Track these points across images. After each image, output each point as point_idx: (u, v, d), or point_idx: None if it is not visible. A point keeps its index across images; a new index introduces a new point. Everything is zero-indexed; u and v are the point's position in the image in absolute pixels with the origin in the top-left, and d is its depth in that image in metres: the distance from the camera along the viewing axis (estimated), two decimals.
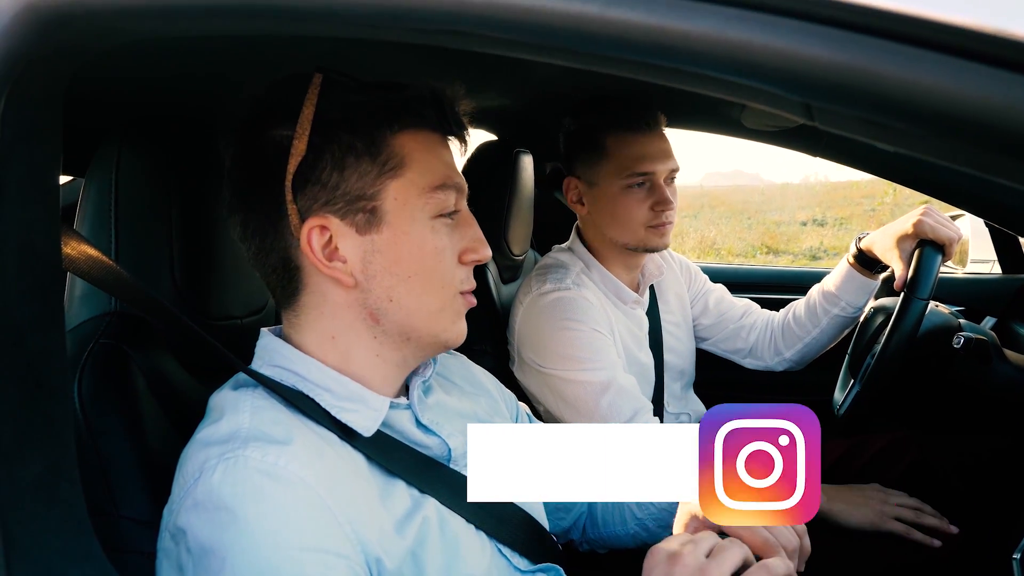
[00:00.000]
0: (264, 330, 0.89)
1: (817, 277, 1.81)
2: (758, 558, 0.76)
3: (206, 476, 0.72)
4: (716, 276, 1.95)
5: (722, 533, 0.82)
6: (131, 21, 0.62)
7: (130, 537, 0.82)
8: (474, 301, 0.90)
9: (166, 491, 0.79)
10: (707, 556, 0.72)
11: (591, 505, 1.20)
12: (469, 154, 1.86)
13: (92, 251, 0.79)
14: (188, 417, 0.92)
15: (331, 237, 0.81)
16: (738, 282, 2.22)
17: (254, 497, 0.70)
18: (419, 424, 0.90)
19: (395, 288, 0.83)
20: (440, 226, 0.84)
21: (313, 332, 0.85)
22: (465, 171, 1.85)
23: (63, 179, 2.00)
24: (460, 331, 0.89)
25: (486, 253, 0.88)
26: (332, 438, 0.80)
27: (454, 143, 0.91)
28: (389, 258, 0.82)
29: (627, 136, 1.49)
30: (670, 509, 1.08)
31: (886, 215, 11.32)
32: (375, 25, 0.49)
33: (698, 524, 0.84)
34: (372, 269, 0.82)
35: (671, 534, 1.10)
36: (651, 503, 1.11)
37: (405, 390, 0.92)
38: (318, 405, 0.81)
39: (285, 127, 0.80)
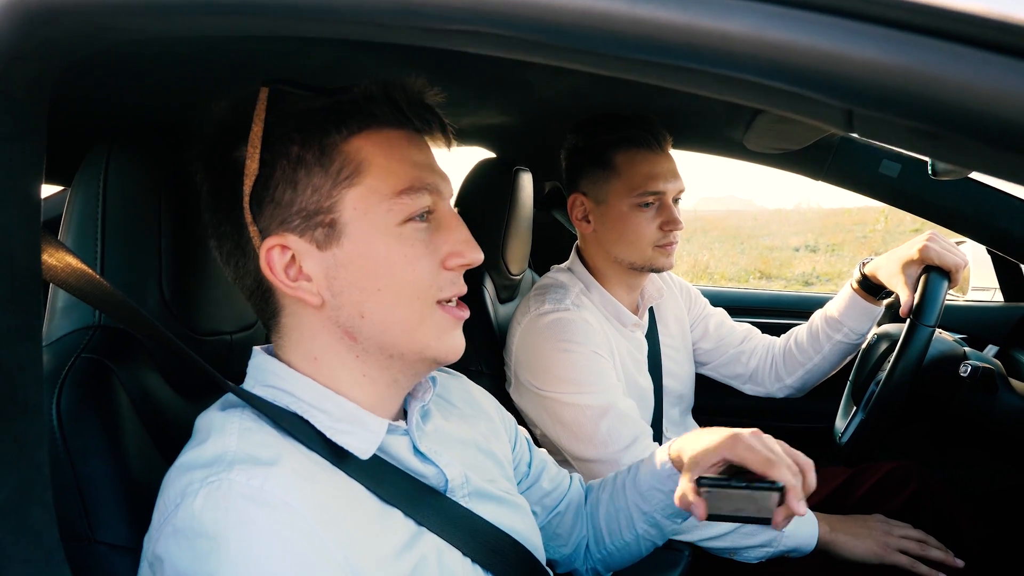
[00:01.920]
0: (256, 348, 0.85)
1: (818, 302, 1.79)
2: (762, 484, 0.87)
3: (187, 501, 0.67)
4: (716, 300, 1.92)
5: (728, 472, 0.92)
6: (123, 18, 0.59)
7: (106, 564, 0.78)
8: (463, 312, 0.84)
9: (146, 516, 0.74)
10: None
11: (593, 521, 1.16)
12: (468, 171, 1.84)
13: (74, 261, 0.75)
14: (172, 437, 0.88)
15: (293, 256, 0.77)
16: (738, 306, 2.19)
17: (237, 523, 0.66)
18: (416, 451, 0.86)
19: (365, 303, 0.78)
20: (410, 232, 0.78)
21: (297, 353, 0.82)
22: (463, 188, 1.82)
23: (53, 189, 1.96)
24: (451, 346, 0.82)
25: (475, 256, 0.82)
26: (322, 462, 0.76)
27: (436, 142, 0.85)
28: (355, 272, 0.77)
29: (637, 155, 1.48)
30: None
31: (878, 242, 11.38)
32: (382, 24, 0.46)
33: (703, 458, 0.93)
34: (338, 285, 0.78)
35: (680, 523, 1.08)
36: (657, 488, 1.07)
37: (403, 414, 0.89)
38: (311, 427, 0.78)
39: (241, 147, 0.77)
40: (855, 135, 0.39)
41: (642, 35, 0.37)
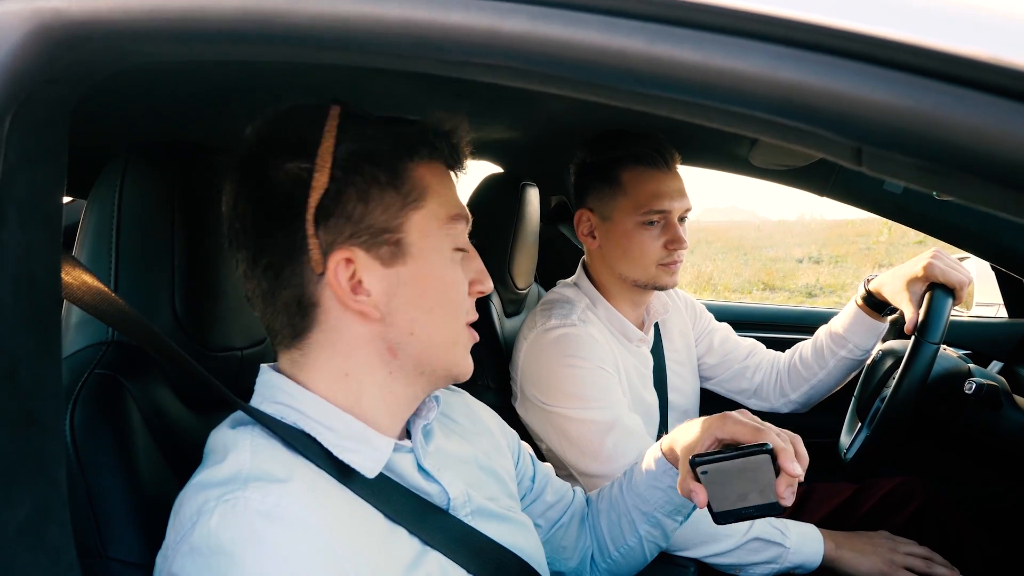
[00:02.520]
0: (264, 366, 0.86)
1: (823, 317, 1.79)
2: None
3: (203, 520, 0.68)
4: (721, 315, 1.93)
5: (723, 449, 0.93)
6: (146, 44, 0.60)
7: None
8: (476, 336, 0.90)
9: (158, 532, 0.75)
10: None
11: (595, 531, 1.17)
12: (475, 186, 1.86)
13: (90, 279, 0.76)
14: (184, 453, 0.89)
15: (355, 271, 0.79)
16: (743, 321, 2.19)
17: (254, 541, 0.66)
18: (421, 469, 0.87)
19: (417, 321, 0.82)
20: (458, 258, 0.85)
21: (323, 370, 0.82)
22: (471, 203, 1.84)
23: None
24: (470, 364, 0.89)
25: (489, 285, 0.90)
26: (333, 480, 0.77)
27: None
28: (414, 291, 0.81)
29: (644, 173, 1.48)
30: (676, 484, 1.04)
31: (881, 253, 11.36)
32: (402, 55, 0.47)
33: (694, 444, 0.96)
34: (396, 302, 0.81)
35: (681, 521, 1.10)
36: (654, 486, 1.08)
37: (406, 433, 0.90)
38: (318, 444, 0.78)
39: (301, 160, 0.77)
40: (864, 169, 0.40)
41: (658, 73, 0.38)
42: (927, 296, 1.38)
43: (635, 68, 0.39)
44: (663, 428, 1.63)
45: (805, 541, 1.37)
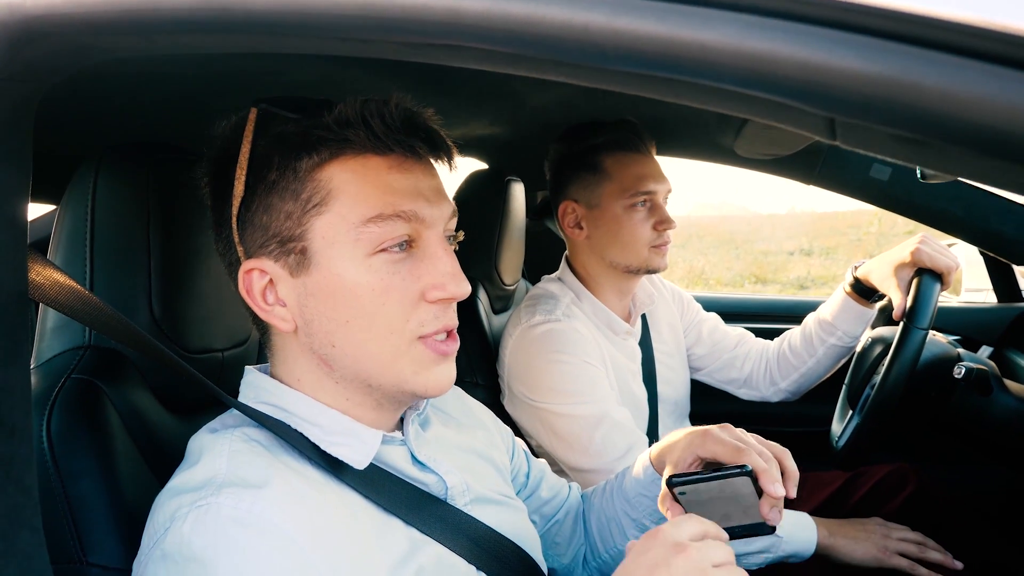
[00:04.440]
0: (249, 368, 0.86)
1: (811, 306, 1.79)
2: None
3: (176, 525, 0.67)
4: (709, 306, 1.92)
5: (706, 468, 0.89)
6: (106, 38, 0.59)
7: None
8: (450, 347, 0.80)
9: (139, 537, 0.74)
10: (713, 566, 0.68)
11: (587, 531, 1.16)
12: (460, 183, 1.85)
13: (62, 277, 0.74)
14: (165, 457, 0.87)
15: (272, 280, 0.77)
16: (731, 312, 2.19)
17: (227, 548, 0.65)
18: (415, 460, 0.86)
19: (335, 334, 0.76)
20: (380, 264, 0.75)
21: (284, 372, 0.83)
22: (456, 199, 1.82)
23: (42, 209, 1.96)
24: (434, 382, 0.79)
25: (458, 290, 0.77)
26: (318, 479, 0.76)
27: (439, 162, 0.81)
28: (323, 302, 0.75)
29: (626, 157, 1.49)
30: None
31: (872, 244, 11.41)
32: (363, 39, 0.46)
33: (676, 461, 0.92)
34: (309, 314, 0.77)
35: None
36: (642, 494, 1.06)
37: (401, 424, 0.88)
38: (307, 440, 0.77)
39: (233, 167, 0.76)
40: (838, 143, 0.38)
41: (622, 47, 0.37)
42: (915, 282, 1.38)
43: (599, 43, 0.37)
44: (653, 421, 1.62)
45: (798, 530, 1.36)
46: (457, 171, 0.87)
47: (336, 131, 0.74)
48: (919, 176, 1.27)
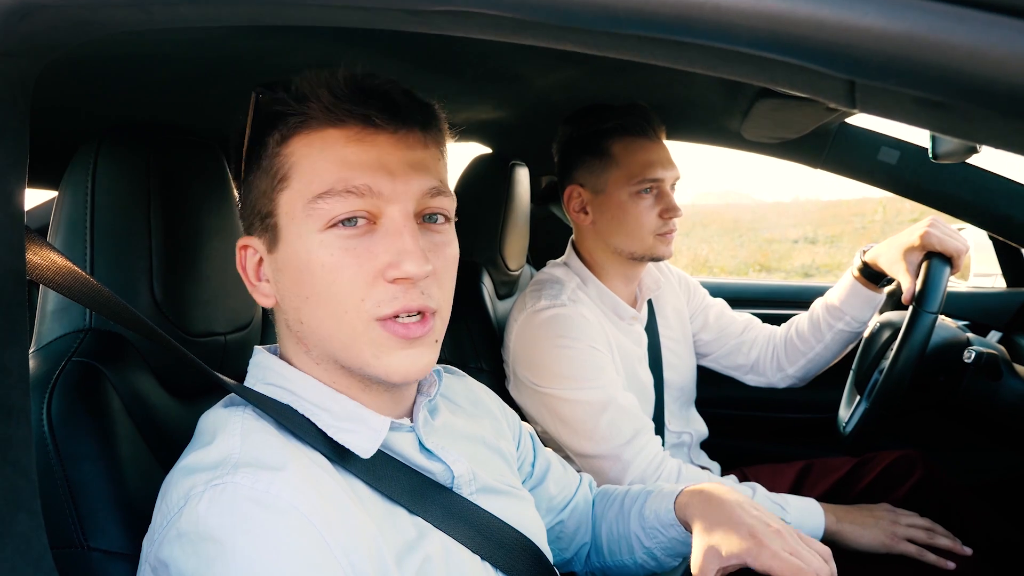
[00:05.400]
0: (258, 348, 0.85)
1: (818, 291, 1.77)
2: None
3: (192, 504, 0.66)
4: (715, 291, 1.91)
5: (748, 570, 0.84)
6: (102, 11, 0.57)
7: (101, 571, 0.76)
8: (412, 332, 0.74)
9: (141, 520, 0.73)
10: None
11: (595, 534, 1.15)
12: (464, 167, 1.83)
13: (61, 259, 0.73)
14: (167, 441, 0.87)
15: (261, 258, 0.80)
16: (737, 297, 2.18)
17: (244, 527, 0.64)
18: (423, 448, 0.85)
19: (300, 310, 0.77)
20: (332, 239, 0.73)
21: (284, 352, 0.84)
22: (459, 185, 1.81)
23: (43, 194, 1.95)
24: (395, 368, 0.75)
25: (410, 268, 0.71)
26: (327, 463, 0.75)
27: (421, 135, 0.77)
28: (289, 276, 0.77)
29: (634, 143, 1.47)
30: (680, 537, 1.03)
31: (876, 232, 11.38)
32: (365, 7, 0.44)
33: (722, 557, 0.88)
34: (281, 289, 0.79)
35: (679, 563, 1.07)
36: (659, 531, 1.05)
37: (411, 411, 0.88)
38: (313, 425, 0.76)
39: (242, 150, 0.81)
40: (857, 110, 0.37)
41: (634, 9, 0.36)
42: (924, 265, 1.36)
43: (610, 5, 0.36)
44: (659, 407, 1.61)
45: (805, 516, 1.35)
46: (452, 140, 0.86)
47: (295, 106, 0.75)
48: (931, 155, 1.25)
